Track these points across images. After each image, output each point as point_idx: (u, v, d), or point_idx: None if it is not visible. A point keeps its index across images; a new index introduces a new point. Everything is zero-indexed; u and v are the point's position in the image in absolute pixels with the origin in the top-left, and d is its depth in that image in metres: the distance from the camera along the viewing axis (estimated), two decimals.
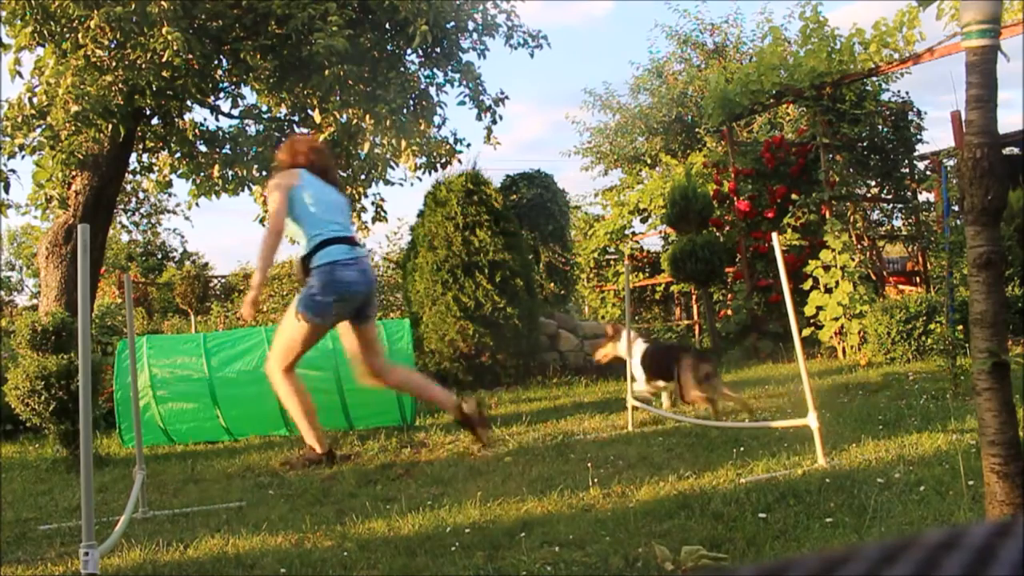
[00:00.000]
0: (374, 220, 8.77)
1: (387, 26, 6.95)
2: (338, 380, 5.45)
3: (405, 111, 7.15)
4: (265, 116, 7.85)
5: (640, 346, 5.35)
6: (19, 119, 6.43)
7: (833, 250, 7.74)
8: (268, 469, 4.27)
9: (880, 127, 9.21)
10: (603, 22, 50.32)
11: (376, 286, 4.33)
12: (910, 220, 10.03)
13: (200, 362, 5.42)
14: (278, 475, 4.10)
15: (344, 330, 4.20)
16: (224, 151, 7.82)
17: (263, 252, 3.93)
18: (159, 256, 22.95)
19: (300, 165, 4.16)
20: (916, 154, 9.40)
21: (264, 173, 7.64)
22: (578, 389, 7.02)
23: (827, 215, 8.17)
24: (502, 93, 7.54)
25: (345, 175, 8.18)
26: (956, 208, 5.59)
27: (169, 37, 5.71)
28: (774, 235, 3.63)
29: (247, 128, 7.81)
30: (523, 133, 52.76)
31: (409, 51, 7.08)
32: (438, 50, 7.25)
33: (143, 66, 6.11)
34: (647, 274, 13.07)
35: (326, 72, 6.43)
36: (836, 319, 7.70)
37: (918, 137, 9.33)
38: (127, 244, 21.71)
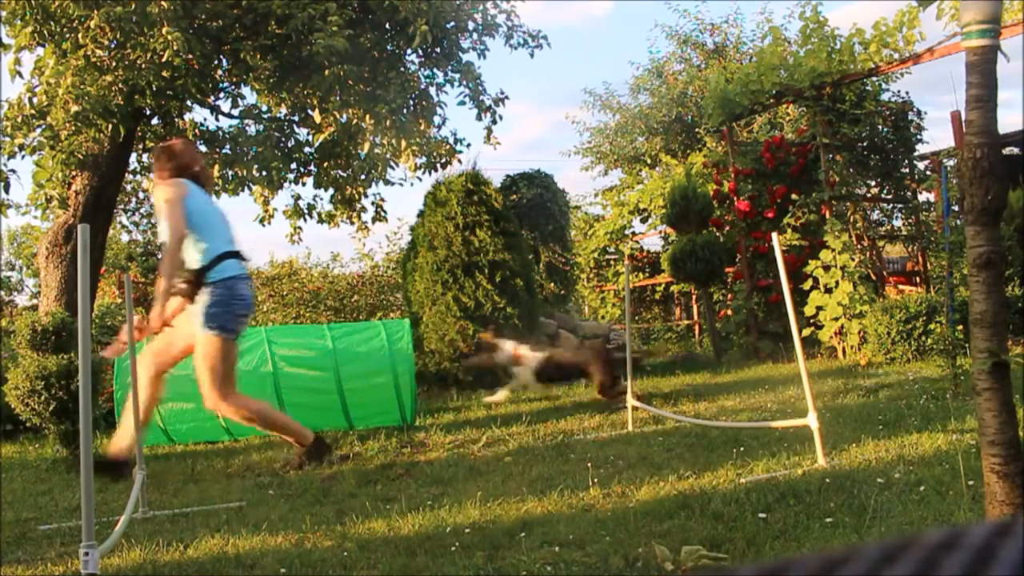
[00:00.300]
0: (374, 220, 8.77)
1: (387, 26, 6.95)
2: (338, 380, 5.45)
3: (405, 111, 7.15)
4: (265, 116, 7.85)
5: (531, 355, 5.73)
6: (19, 119, 6.43)
7: (833, 250, 7.74)
8: (268, 469, 4.27)
9: (880, 127, 9.21)
10: (603, 22, 50.30)
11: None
12: (910, 220, 10.03)
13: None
14: (278, 475, 4.10)
15: (179, 343, 4.02)
16: (224, 151, 7.82)
17: (168, 266, 3.79)
18: (159, 256, 22.95)
19: (185, 174, 4.03)
20: (916, 154, 9.40)
21: (264, 173, 7.64)
22: (578, 389, 7.02)
23: (827, 215, 8.17)
24: (502, 93, 7.54)
25: (345, 175, 8.19)
26: (956, 208, 5.59)
27: (169, 37, 5.71)
28: (774, 235, 3.63)
29: (247, 128, 7.81)
30: (523, 133, 52.75)
31: (409, 51, 7.08)
32: (438, 50, 7.25)
33: (143, 66, 6.11)
34: (647, 274, 13.07)
35: (326, 72, 6.43)
36: (836, 319, 7.70)
37: (918, 137, 9.33)
38: (127, 244, 21.71)
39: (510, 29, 7.40)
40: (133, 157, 7.92)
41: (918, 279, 9.90)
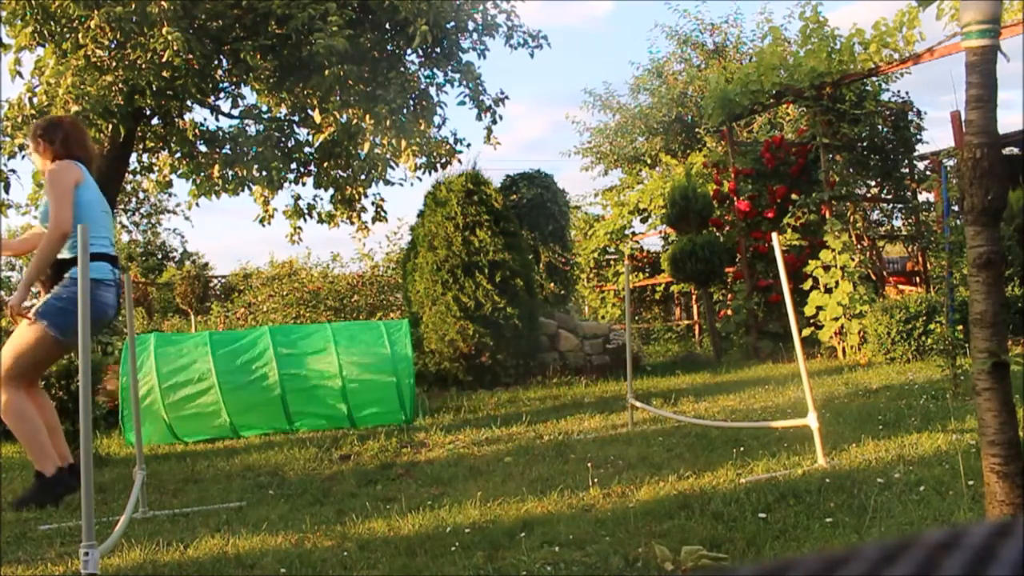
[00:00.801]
0: (374, 220, 8.78)
1: (387, 26, 6.95)
2: (338, 380, 5.46)
3: (405, 111, 7.16)
4: (265, 116, 7.86)
5: None
6: (19, 119, 6.43)
7: (833, 250, 7.74)
8: (268, 469, 4.27)
9: (880, 127, 9.21)
10: (603, 23, 50.33)
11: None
12: (910, 220, 10.03)
13: (206, 359, 5.43)
14: (278, 475, 4.10)
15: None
16: (224, 151, 7.82)
17: (43, 256, 3.46)
18: (159, 256, 22.95)
19: (77, 156, 3.67)
20: (916, 154, 9.40)
21: (264, 173, 7.64)
22: (578, 389, 7.02)
23: (827, 215, 8.17)
24: (502, 93, 7.55)
25: (345, 175, 8.19)
26: (956, 208, 5.59)
27: (169, 37, 5.71)
28: (774, 235, 3.63)
29: (247, 128, 7.81)
30: (523, 133, 52.79)
31: (409, 51, 7.08)
32: (438, 50, 7.25)
33: (143, 66, 6.11)
34: (647, 274, 13.07)
35: (326, 72, 6.43)
36: (836, 319, 7.70)
37: (918, 137, 9.33)
38: (127, 244, 21.71)
39: (510, 29, 7.41)
40: (133, 157, 7.91)
41: (918, 279, 9.90)
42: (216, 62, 6.89)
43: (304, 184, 8.32)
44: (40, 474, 3.60)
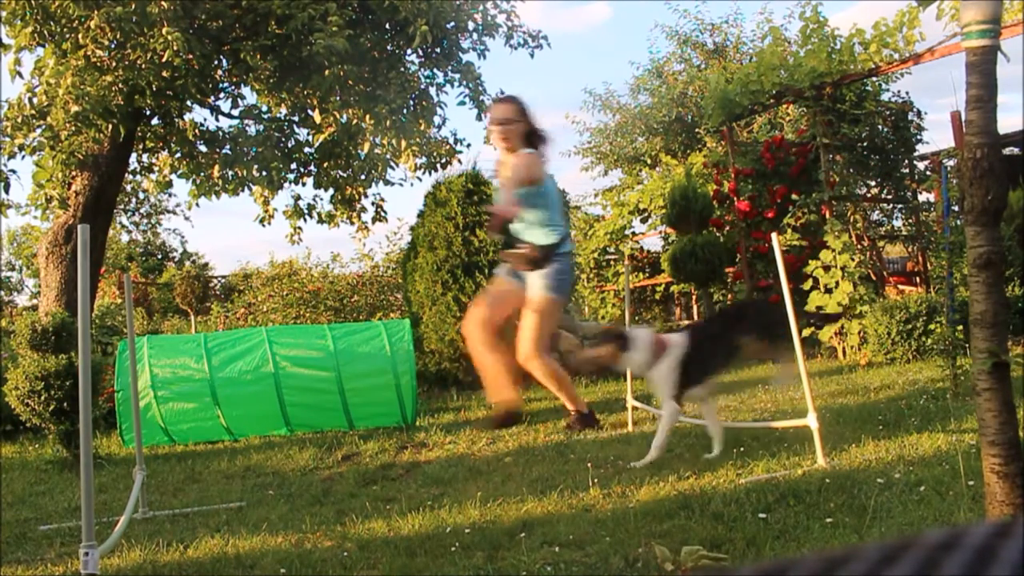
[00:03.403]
0: (374, 220, 8.77)
1: (387, 26, 6.95)
2: (338, 380, 5.46)
3: (405, 111, 7.16)
4: (265, 116, 7.85)
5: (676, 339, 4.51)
6: (19, 119, 6.44)
7: (833, 250, 7.74)
8: (268, 469, 4.27)
9: (880, 127, 9.21)
10: (603, 29, 50.27)
11: None
12: (910, 220, 10.03)
13: (201, 362, 5.43)
14: (278, 475, 4.10)
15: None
16: (224, 151, 7.82)
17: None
18: (159, 256, 22.96)
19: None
20: (916, 154, 9.40)
21: (264, 173, 7.64)
22: (578, 389, 7.01)
23: (827, 215, 8.17)
24: (502, 93, 7.54)
25: (345, 175, 8.19)
26: (956, 208, 5.59)
27: (169, 37, 5.71)
28: (774, 235, 3.63)
29: (247, 128, 7.81)
30: None
31: (409, 51, 7.08)
32: (438, 50, 7.25)
33: (143, 66, 6.11)
34: (647, 274, 13.07)
35: (326, 72, 6.43)
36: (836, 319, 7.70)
37: (918, 137, 9.33)
38: (127, 244, 21.73)
39: (510, 29, 7.40)
40: (133, 157, 7.91)
41: (918, 279, 9.90)
42: (216, 62, 6.88)
43: (304, 184, 8.32)
44: (579, 412, 4.65)
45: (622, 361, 3.88)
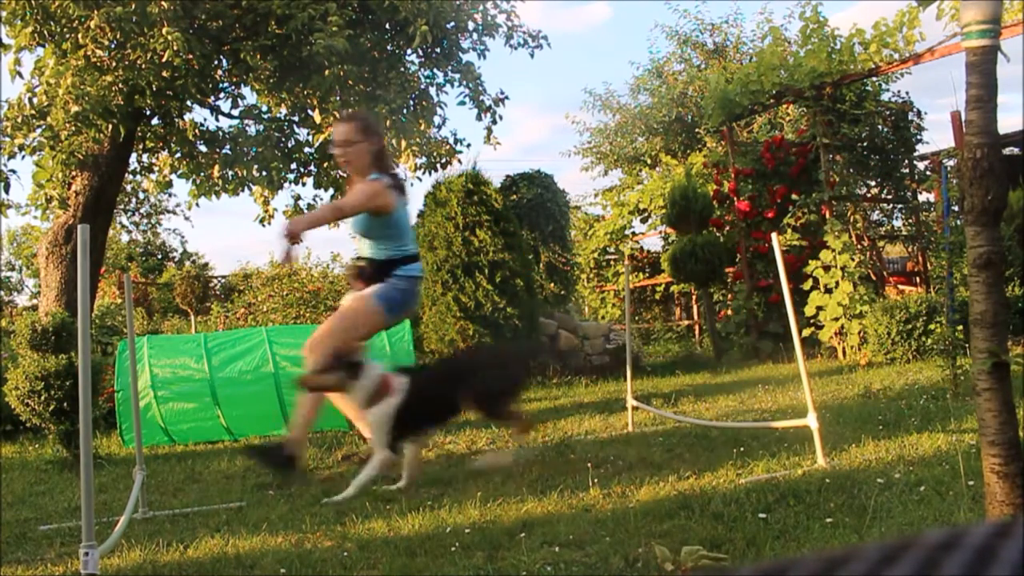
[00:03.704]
0: None
1: (387, 26, 6.95)
2: None
3: (405, 111, 7.15)
4: (265, 116, 7.85)
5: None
6: (19, 119, 6.43)
7: (833, 250, 7.74)
8: (268, 469, 4.27)
9: (880, 127, 9.21)
10: (603, 29, 50.26)
11: None
12: (910, 220, 10.03)
13: (201, 362, 5.43)
14: (278, 475, 4.09)
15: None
16: (224, 151, 7.81)
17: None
18: (159, 256, 22.96)
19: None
20: (916, 154, 9.40)
21: (264, 173, 7.64)
22: (578, 389, 7.02)
23: (827, 215, 8.17)
24: (502, 93, 7.54)
25: (345, 175, 8.18)
26: (956, 208, 5.59)
27: (169, 37, 5.71)
28: (774, 235, 3.63)
29: (247, 128, 7.81)
30: (524, 136, 52.74)
31: (409, 51, 7.08)
32: (438, 50, 7.24)
33: (143, 66, 6.11)
34: (647, 274, 13.07)
35: (326, 72, 6.43)
36: (836, 319, 7.70)
37: (918, 137, 9.33)
38: (127, 244, 21.72)
39: (510, 29, 7.40)
40: (133, 157, 7.91)
41: (918, 279, 9.90)
42: (216, 62, 6.88)
43: (304, 184, 8.31)
44: (285, 443, 3.81)
45: (349, 391, 3.57)
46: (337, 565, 2.51)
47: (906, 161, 9.39)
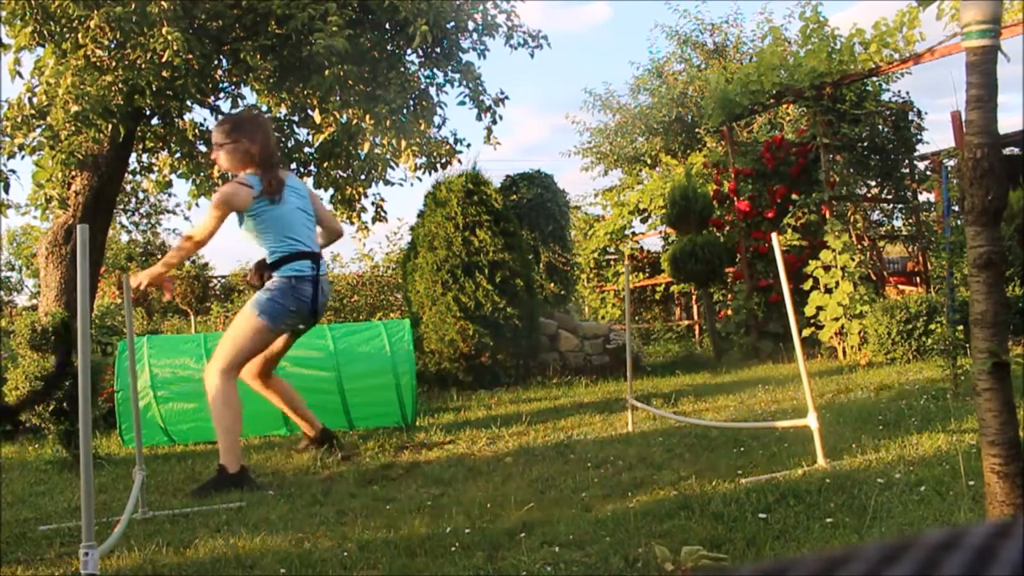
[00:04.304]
0: (374, 220, 8.76)
1: (387, 26, 6.95)
2: (338, 380, 5.45)
3: (405, 111, 7.15)
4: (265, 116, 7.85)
5: None
6: (19, 119, 6.43)
7: (833, 250, 7.74)
8: (268, 469, 4.27)
9: (880, 127, 9.21)
10: (604, 28, 50.25)
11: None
12: (910, 220, 10.03)
13: (201, 362, 5.42)
14: (278, 475, 4.10)
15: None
16: None
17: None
18: (159, 256, 22.95)
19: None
20: (916, 154, 9.40)
21: None
22: (578, 389, 7.02)
23: (827, 215, 8.17)
24: (502, 93, 7.54)
25: (345, 175, 8.18)
26: (956, 208, 5.59)
27: (169, 37, 5.71)
28: (773, 235, 3.63)
29: None
30: (524, 136, 52.77)
31: (409, 51, 7.08)
32: (438, 50, 7.24)
33: (143, 66, 6.11)
34: (647, 274, 13.07)
35: (326, 72, 6.43)
36: (836, 319, 7.70)
37: (918, 137, 9.33)
38: (127, 244, 21.71)
39: (510, 29, 7.40)
40: (133, 157, 7.91)
41: (918, 279, 9.90)
42: (216, 62, 6.88)
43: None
44: (223, 467, 3.76)
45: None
46: (337, 565, 2.51)
47: (906, 161, 9.39)
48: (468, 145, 10.21)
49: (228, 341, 3.87)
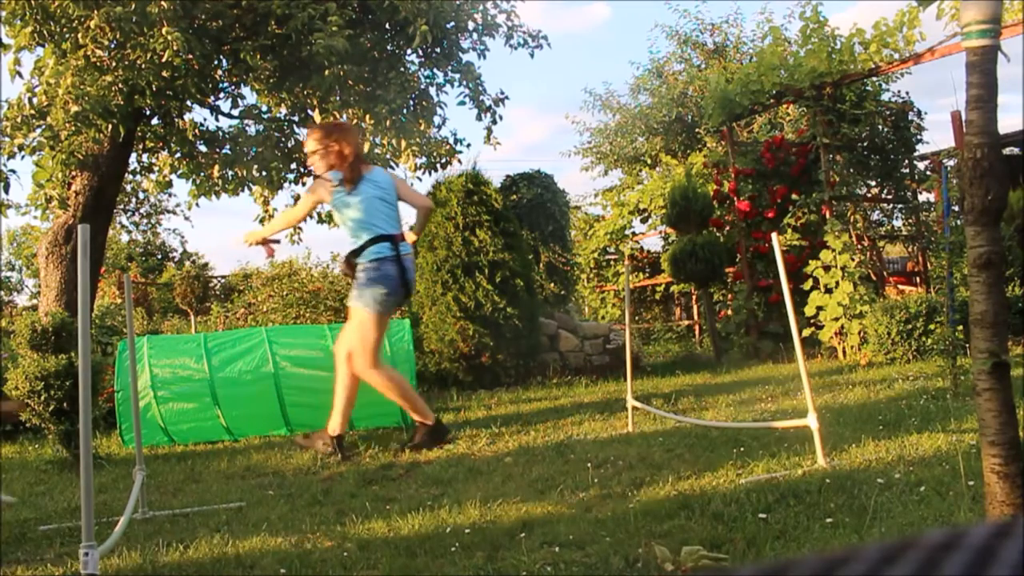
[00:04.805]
0: None
1: (387, 26, 6.94)
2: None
3: (405, 111, 7.15)
4: (265, 116, 7.85)
5: None
6: (19, 119, 6.43)
7: (833, 250, 7.74)
8: (268, 469, 4.27)
9: (880, 127, 9.21)
10: (604, 28, 50.22)
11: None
12: (910, 220, 10.03)
13: (201, 362, 5.43)
14: (278, 475, 4.10)
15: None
16: (224, 151, 7.81)
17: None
18: (159, 256, 22.95)
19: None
20: (916, 154, 9.40)
21: (264, 173, 7.63)
22: (578, 389, 7.02)
23: (827, 215, 8.17)
24: (502, 93, 7.54)
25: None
26: (956, 208, 5.59)
27: (169, 37, 5.71)
28: (774, 235, 3.62)
29: (247, 128, 7.80)
30: (525, 137, 52.73)
31: (409, 51, 7.07)
32: (438, 50, 7.24)
33: (143, 66, 6.11)
34: (647, 274, 13.07)
35: (326, 72, 6.43)
36: (836, 319, 7.70)
37: (918, 137, 9.33)
38: (127, 244, 21.72)
39: (510, 29, 7.40)
40: (133, 157, 7.91)
41: (918, 279, 9.90)
42: (216, 62, 6.87)
43: (304, 184, 8.31)
44: (422, 424, 4.52)
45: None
46: (337, 565, 2.51)
47: (906, 161, 9.39)
48: (468, 145, 10.22)
49: (358, 343, 4.34)
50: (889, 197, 9.71)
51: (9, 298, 20.82)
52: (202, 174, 7.93)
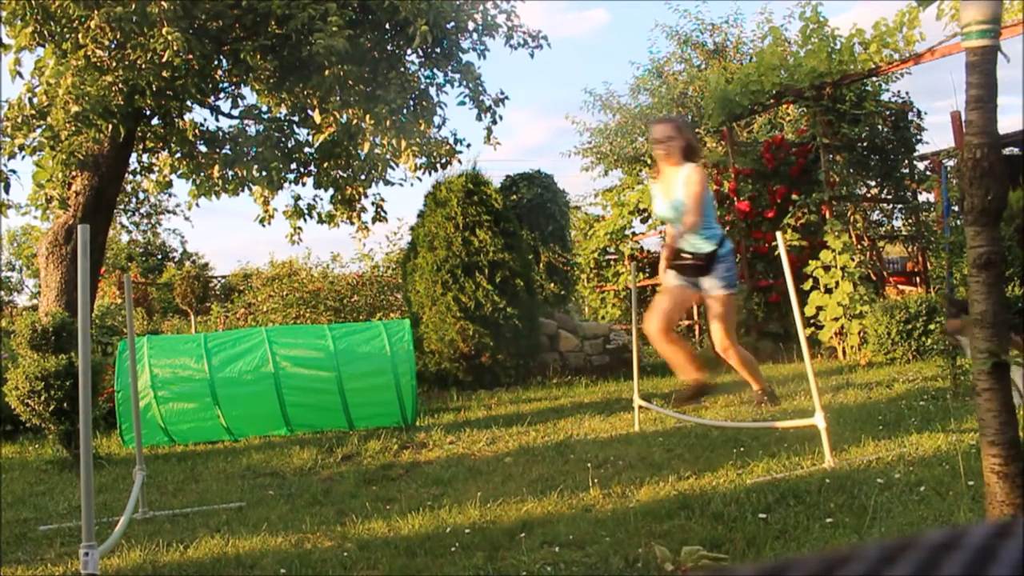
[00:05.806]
0: (374, 220, 8.76)
1: (387, 26, 6.95)
2: (338, 380, 5.45)
3: (405, 111, 7.15)
4: (265, 116, 7.85)
5: None
6: (19, 119, 6.43)
7: (833, 250, 7.73)
8: (268, 469, 4.27)
9: (880, 127, 9.20)
10: (604, 32, 50.19)
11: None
12: (910, 220, 10.02)
13: (201, 362, 5.43)
14: (278, 475, 4.10)
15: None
16: (224, 151, 7.81)
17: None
18: (159, 256, 22.95)
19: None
20: (916, 154, 9.39)
21: (264, 173, 7.63)
22: (578, 389, 7.01)
23: (827, 215, 8.17)
24: (502, 93, 7.54)
25: (345, 175, 8.18)
26: (956, 208, 5.59)
27: (169, 37, 5.71)
28: (778, 234, 3.62)
29: (247, 128, 7.80)
30: (525, 138, 52.68)
31: (409, 51, 7.08)
32: (438, 50, 7.24)
33: (143, 66, 6.11)
34: (647, 274, 13.07)
35: (326, 72, 6.43)
36: (836, 319, 7.70)
37: (918, 137, 9.33)
38: (127, 244, 21.72)
39: (510, 29, 7.40)
40: (133, 157, 7.91)
41: (918, 279, 9.90)
42: (216, 62, 6.88)
43: (304, 184, 8.31)
44: (763, 390, 4.67)
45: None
46: (337, 565, 2.51)
47: (906, 161, 9.38)
48: (468, 145, 10.22)
49: (724, 324, 4.54)
50: (889, 197, 9.71)
51: (9, 298, 20.82)
52: (202, 174, 7.93)
